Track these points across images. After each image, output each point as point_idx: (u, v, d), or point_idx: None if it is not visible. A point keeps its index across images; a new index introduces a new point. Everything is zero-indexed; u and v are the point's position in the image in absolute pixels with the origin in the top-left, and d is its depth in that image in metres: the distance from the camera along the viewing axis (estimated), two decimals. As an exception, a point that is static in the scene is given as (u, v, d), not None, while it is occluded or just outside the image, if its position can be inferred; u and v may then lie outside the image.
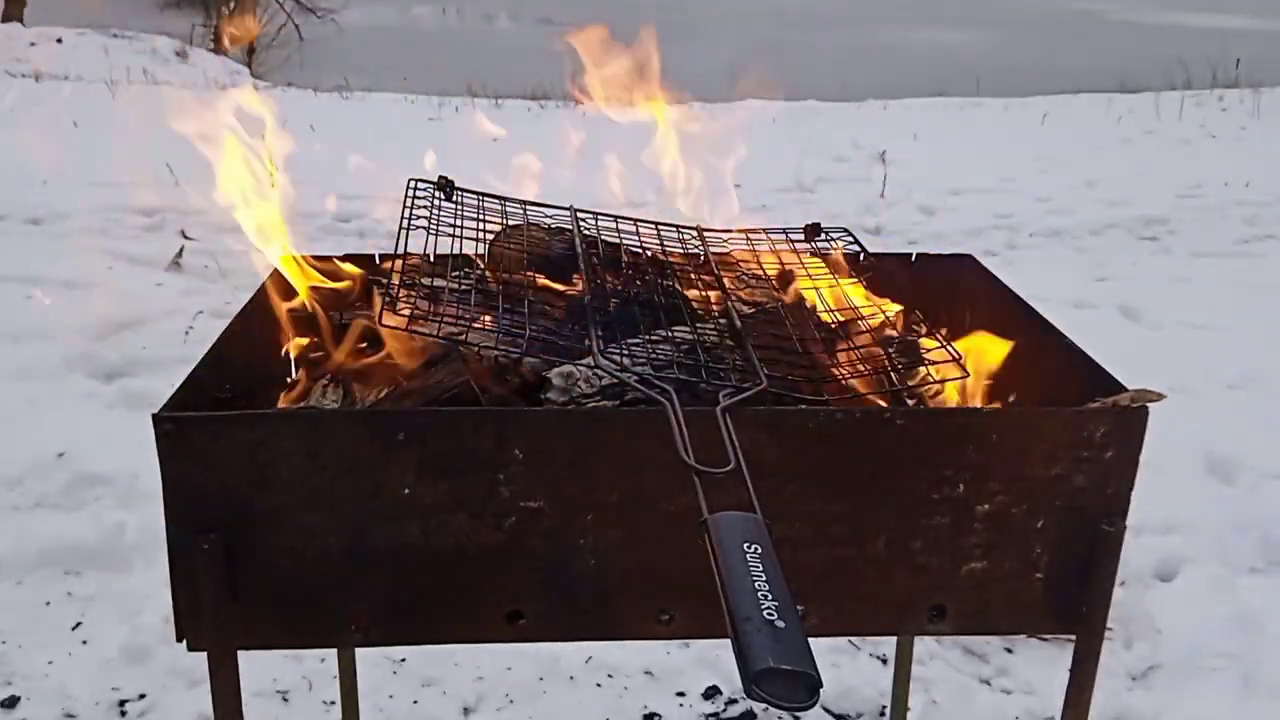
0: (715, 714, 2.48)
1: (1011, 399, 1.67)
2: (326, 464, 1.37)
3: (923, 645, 2.61)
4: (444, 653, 2.60)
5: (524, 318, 1.56)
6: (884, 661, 2.63)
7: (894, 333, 1.69)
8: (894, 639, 2.34)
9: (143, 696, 2.47)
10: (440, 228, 1.76)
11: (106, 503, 3.12)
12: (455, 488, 1.38)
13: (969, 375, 1.58)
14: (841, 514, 1.42)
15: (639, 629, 1.47)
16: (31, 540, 2.93)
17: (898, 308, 1.79)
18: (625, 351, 1.49)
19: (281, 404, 1.64)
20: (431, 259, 1.73)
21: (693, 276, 1.81)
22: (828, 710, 2.49)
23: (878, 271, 1.87)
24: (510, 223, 1.86)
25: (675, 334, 1.56)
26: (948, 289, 1.94)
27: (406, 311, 1.50)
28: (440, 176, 1.90)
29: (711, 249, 1.90)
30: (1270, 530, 3.11)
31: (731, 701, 2.51)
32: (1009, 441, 1.42)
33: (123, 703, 2.45)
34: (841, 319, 1.70)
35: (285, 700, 2.48)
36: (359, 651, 2.23)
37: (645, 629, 1.47)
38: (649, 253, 1.85)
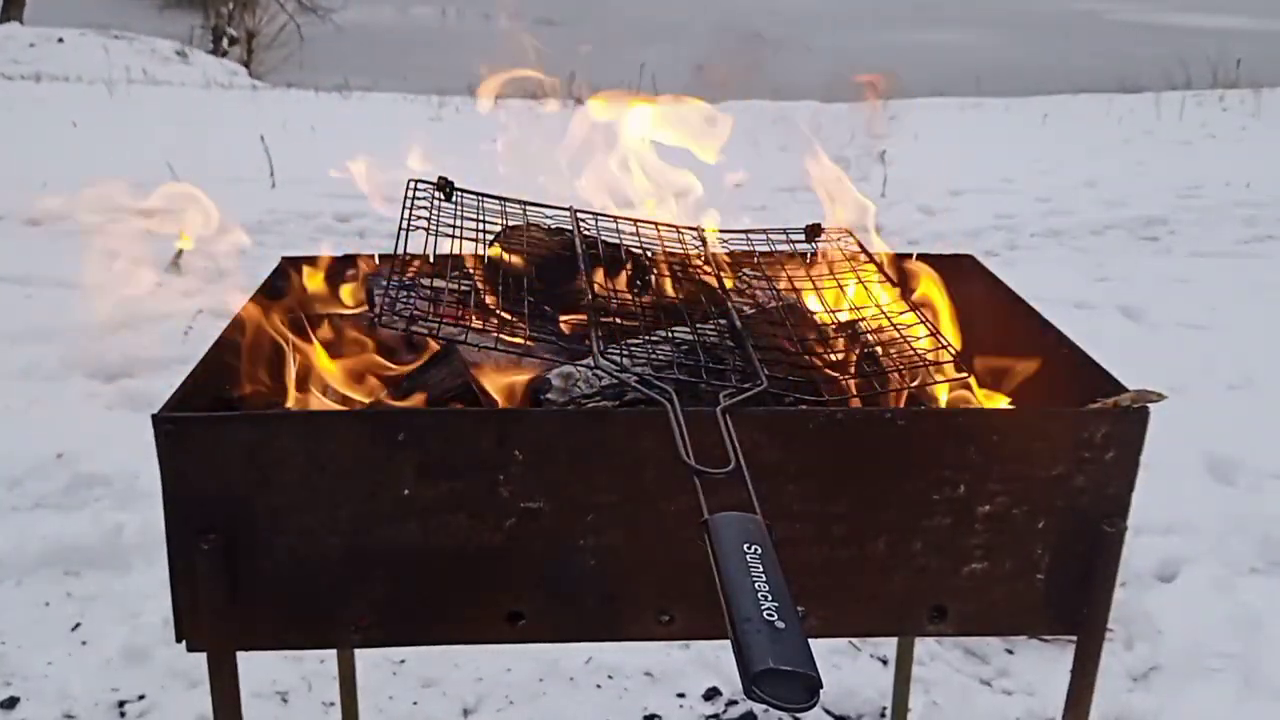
0: (715, 715, 2.47)
1: (1012, 399, 1.67)
2: (326, 464, 1.37)
3: (923, 646, 2.61)
4: (444, 654, 2.59)
5: (524, 318, 1.56)
6: (884, 662, 2.62)
7: (895, 334, 1.69)
8: (894, 640, 2.34)
9: (142, 697, 2.46)
10: (440, 228, 1.76)
11: (106, 503, 3.11)
12: (455, 488, 1.38)
13: (969, 375, 1.57)
14: (842, 514, 1.42)
15: (639, 630, 1.47)
16: (31, 540, 2.93)
17: (899, 308, 1.79)
18: (625, 352, 1.49)
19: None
20: (431, 259, 1.73)
21: (692, 276, 1.80)
22: (828, 711, 2.49)
23: (878, 272, 1.86)
24: (510, 223, 1.85)
25: (675, 334, 1.56)
26: (948, 289, 1.93)
27: (406, 312, 1.50)
28: (440, 177, 1.90)
29: (712, 249, 1.89)
30: (1271, 530, 3.11)
31: (732, 703, 2.51)
32: (1010, 442, 1.41)
33: (122, 703, 2.45)
34: (842, 319, 1.70)
35: (285, 701, 2.48)
36: (359, 652, 2.23)
37: (645, 630, 1.46)
38: (649, 253, 1.85)
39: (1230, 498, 3.31)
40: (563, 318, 1.65)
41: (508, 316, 1.59)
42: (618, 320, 1.62)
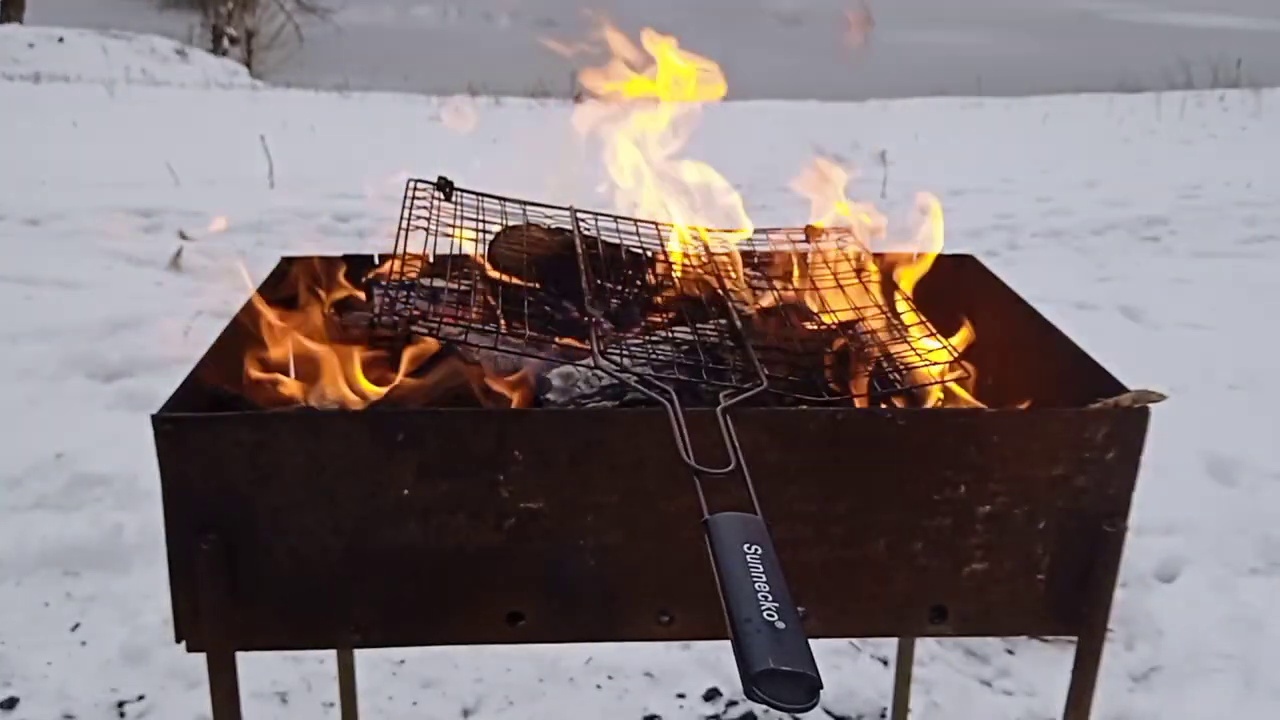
0: (716, 716, 2.47)
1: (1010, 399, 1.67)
2: (326, 464, 1.37)
3: (924, 647, 2.61)
4: (443, 654, 2.59)
5: (524, 318, 1.55)
6: (885, 663, 2.62)
7: (896, 333, 1.69)
8: (895, 640, 2.33)
9: (141, 698, 2.46)
10: (439, 228, 1.76)
11: (106, 503, 3.11)
12: (455, 488, 1.38)
13: (970, 375, 1.57)
14: (842, 515, 1.42)
15: (639, 630, 1.47)
16: (31, 541, 2.93)
17: (900, 307, 1.79)
18: (625, 352, 1.49)
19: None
20: (431, 259, 1.73)
21: (693, 277, 1.80)
22: (828, 712, 2.48)
23: (880, 271, 1.86)
24: (509, 223, 1.85)
25: (675, 334, 1.55)
26: (949, 289, 1.93)
27: (405, 313, 1.49)
28: (440, 176, 1.89)
29: (712, 249, 1.89)
30: (1271, 531, 3.11)
31: (732, 703, 2.50)
32: (1010, 442, 1.41)
33: (121, 704, 2.44)
34: (843, 319, 1.70)
35: (284, 701, 2.47)
36: (358, 653, 2.23)
37: (645, 630, 1.46)
38: (649, 253, 1.85)
39: (1231, 498, 3.31)
40: (562, 318, 1.65)
41: (507, 317, 1.59)
42: (618, 320, 1.62)
